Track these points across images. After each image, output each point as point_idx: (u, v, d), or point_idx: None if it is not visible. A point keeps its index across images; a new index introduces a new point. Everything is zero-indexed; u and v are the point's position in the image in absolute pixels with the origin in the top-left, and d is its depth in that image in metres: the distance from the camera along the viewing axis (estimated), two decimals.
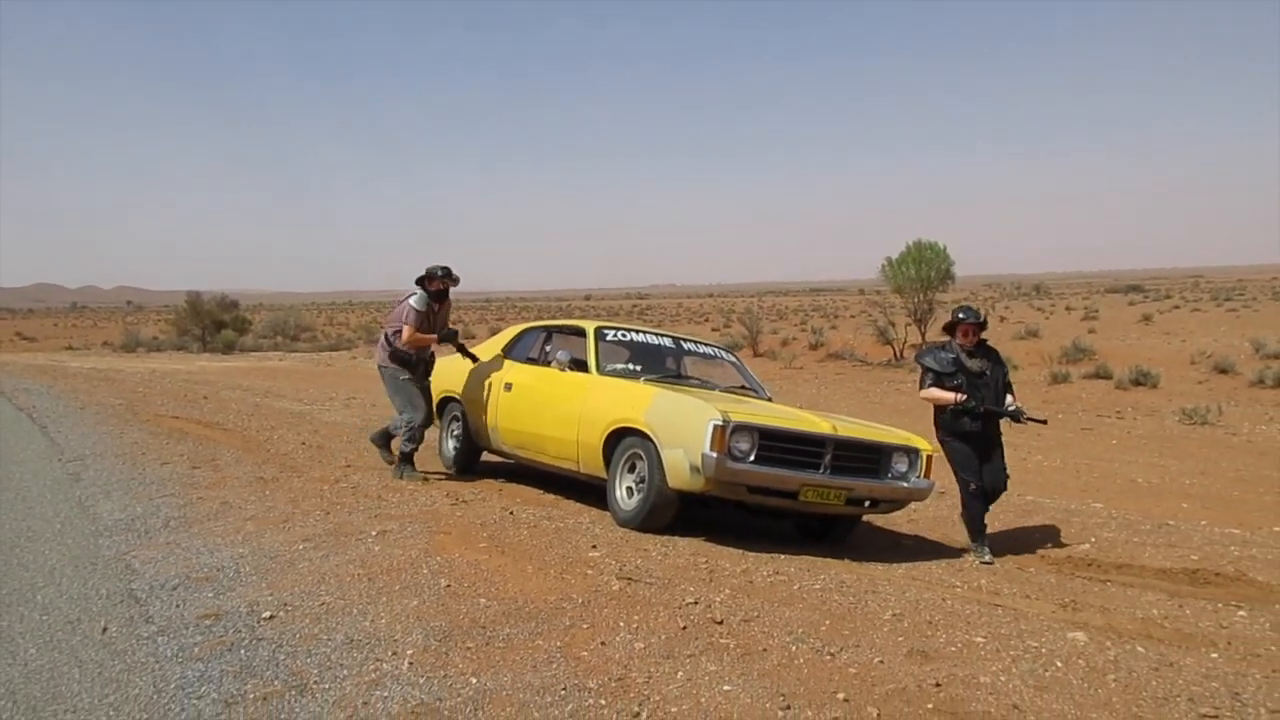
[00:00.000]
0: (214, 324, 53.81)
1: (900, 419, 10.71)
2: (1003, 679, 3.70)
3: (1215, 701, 3.72)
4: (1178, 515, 8.35)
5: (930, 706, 3.38)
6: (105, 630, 4.25)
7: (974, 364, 6.72)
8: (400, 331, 8.09)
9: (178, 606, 4.53)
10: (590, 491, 7.57)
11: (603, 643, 3.93)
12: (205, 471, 8.27)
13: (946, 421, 6.77)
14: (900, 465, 6.64)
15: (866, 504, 6.73)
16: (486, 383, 8.38)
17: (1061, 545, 7.19)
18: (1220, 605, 5.69)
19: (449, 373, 8.83)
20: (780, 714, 3.26)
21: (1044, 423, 7.70)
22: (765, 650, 3.89)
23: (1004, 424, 7.04)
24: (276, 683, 3.55)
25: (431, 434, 8.87)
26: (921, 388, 6.86)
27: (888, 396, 22.89)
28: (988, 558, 6.51)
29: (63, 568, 5.35)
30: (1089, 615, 5.22)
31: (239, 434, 11.27)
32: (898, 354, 34.97)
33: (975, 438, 6.73)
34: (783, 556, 5.99)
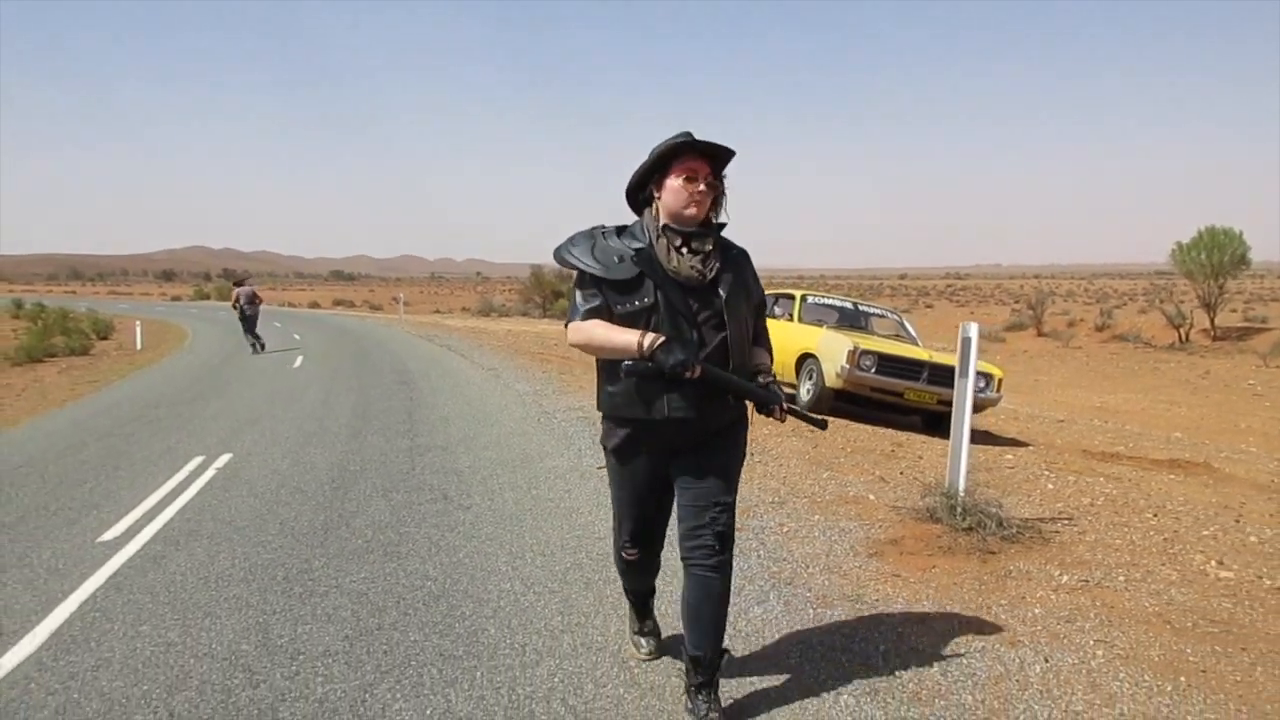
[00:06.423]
0: (553, 293, 63.21)
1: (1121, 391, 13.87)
2: (931, 457, 7.80)
3: (1046, 473, 7.53)
4: (1181, 430, 11.24)
5: (877, 450, 7.63)
6: (538, 420, 9.52)
7: (688, 265, 2.88)
8: None
9: (565, 415, 9.78)
10: (789, 397, 12.05)
11: (753, 436, 8.52)
12: (567, 376, 13.79)
13: (613, 398, 2.95)
14: (980, 383, 10.43)
15: None
16: None
17: (1097, 445, 10.59)
18: (1166, 474, 9.06)
19: None
20: (811, 450, 7.69)
21: (823, 426, 3.23)
22: (821, 436, 8.29)
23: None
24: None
25: None
26: (571, 318, 2.93)
27: (1130, 376, 24.71)
28: (644, 649, 3.53)
29: (509, 405, 10.84)
30: (1060, 465, 8.90)
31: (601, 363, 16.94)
32: (1183, 337, 35.01)
33: (673, 429, 2.90)
34: (887, 429, 10.13)
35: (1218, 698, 3.13)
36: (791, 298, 12.43)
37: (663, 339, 2.75)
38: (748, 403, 2.98)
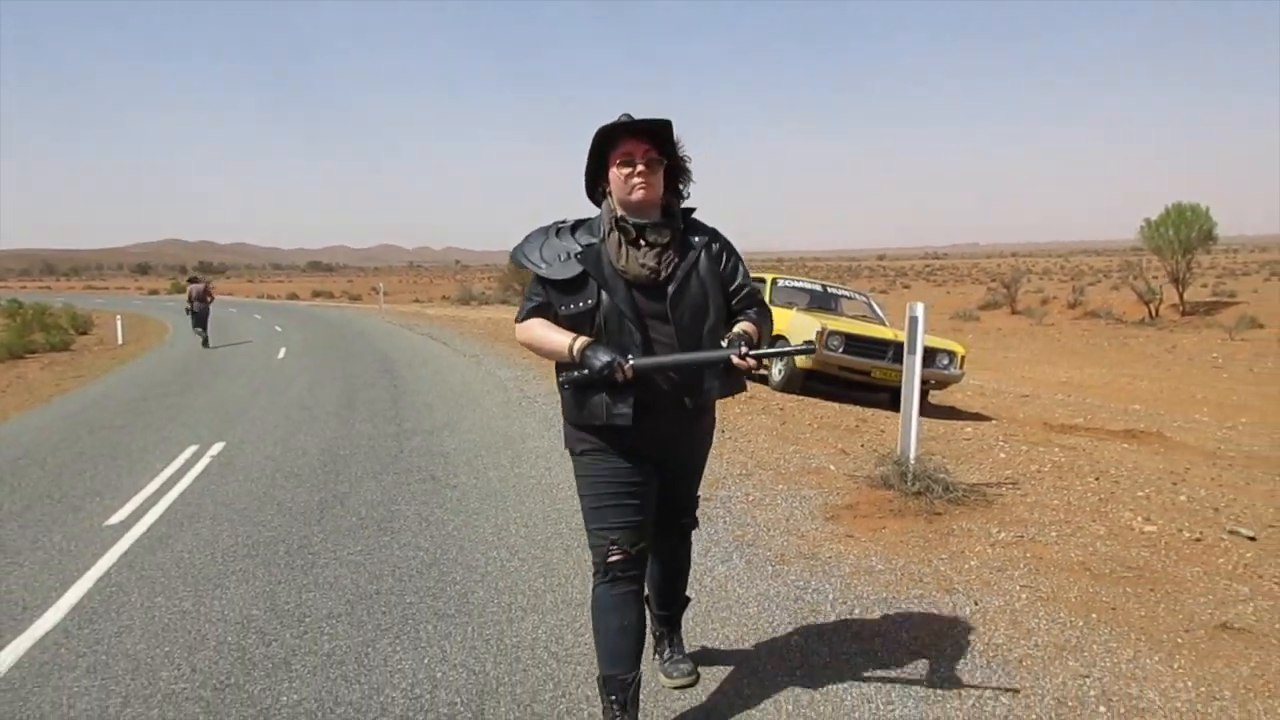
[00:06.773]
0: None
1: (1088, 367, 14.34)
2: (892, 431, 8.23)
3: (1001, 444, 7.97)
4: (1140, 403, 11.76)
5: (842, 425, 8.05)
6: (519, 404, 9.88)
7: (638, 262, 2.67)
8: None
9: (546, 399, 10.15)
10: (762, 378, 12.47)
11: (724, 415, 8.92)
12: (547, 362, 14.10)
13: (562, 398, 2.79)
14: (943, 360, 10.88)
15: (930, 383, 11.05)
16: None
17: (1057, 418, 11.08)
18: (1119, 444, 9.53)
19: None
20: (779, 426, 8.10)
21: (810, 351, 2.99)
22: (790, 413, 8.70)
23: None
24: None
25: None
26: (518, 317, 2.84)
27: (1098, 352, 25.31)
28: None
29: (491, 390, 11.19)
30: (1017, 436, 9.35)
31: None
32: (1153, 313, 35.71)
33: (639, 432, 2.68)
34: (854, 406, 10.56)
35: (1122, 629, 3.55)
36: (763, 281, 12.82)
37: (590, 341, 2.57)
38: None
